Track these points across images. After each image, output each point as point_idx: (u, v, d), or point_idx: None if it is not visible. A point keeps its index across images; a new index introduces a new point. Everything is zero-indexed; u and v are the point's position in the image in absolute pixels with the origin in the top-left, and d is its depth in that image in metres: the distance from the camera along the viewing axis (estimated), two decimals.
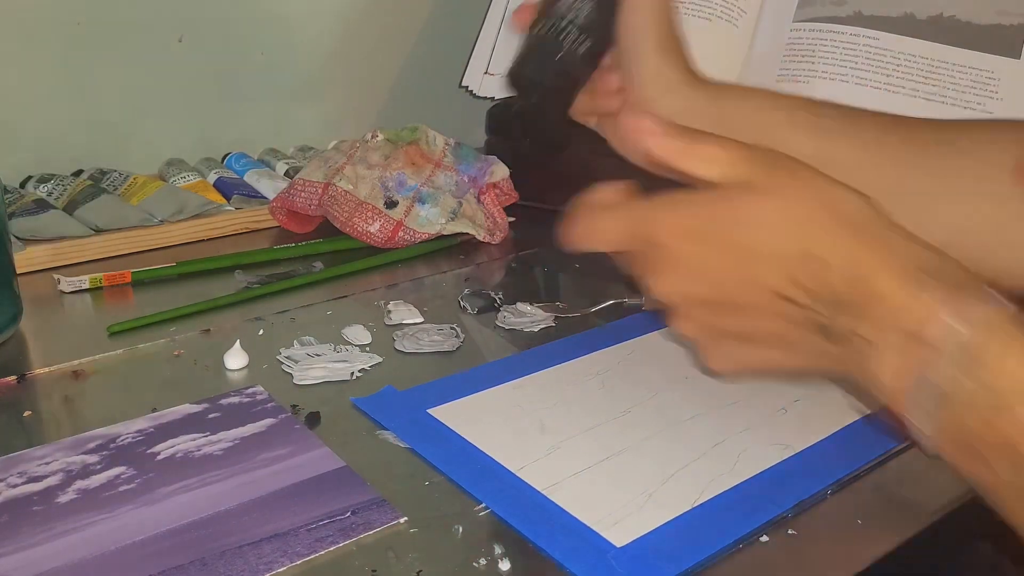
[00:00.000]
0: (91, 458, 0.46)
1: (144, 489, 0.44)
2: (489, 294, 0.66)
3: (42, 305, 0.65)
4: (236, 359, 0.56)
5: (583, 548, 0.40)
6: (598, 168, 0.90)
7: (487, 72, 0.88)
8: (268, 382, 0.54)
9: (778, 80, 0.78)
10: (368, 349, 0.59)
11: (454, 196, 0.77)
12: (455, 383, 0.54)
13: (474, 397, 0.53)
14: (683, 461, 0.47)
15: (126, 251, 0.74)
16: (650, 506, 0.43)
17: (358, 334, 0.60)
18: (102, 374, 0.55)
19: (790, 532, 0.43)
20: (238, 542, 0.40)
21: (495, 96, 0.88)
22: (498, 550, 0.40)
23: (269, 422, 0.50)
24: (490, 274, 0.73)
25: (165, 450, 0.47)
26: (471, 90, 0.89)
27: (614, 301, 0.65)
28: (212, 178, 0.84)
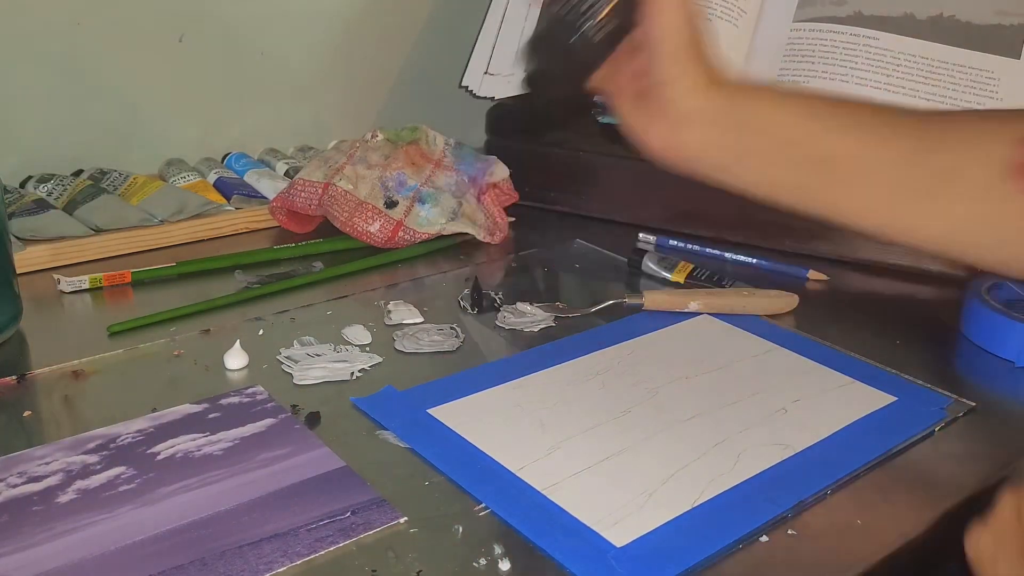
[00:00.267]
0: (91, 458, 0.46)
1: (144, 489, 0.44)
2: (489, 294, 0.66)
3: (42, 305, 0.65)
4: (236, 359, 0.56)
5: (583, 548, 0.40)
6: (598, 168, 0.90)
7: (487, 72, 0.88)
8: (268, 382, 0.54)
9: (778, 80, 0.78)
10: (368, 349, 0.59)
11: (454, 196, 0.77)
12: (455, 383, 0.54)
13: (474, 397, 0.53)
14: (683, 461, 0.47)
15: (126, 251, 0.74)
16: (650, 506, 0.43)
17: (358, 334, 0.60)
18: (102, 374, 0.55)
19: (790, 532, 0.43)
20: (238, 542, 0.40)
21: (495, 96, 0.88)
22: (498, 550, 0.40)
23: (269, 422, 0.50)
24: (490, 274, 0.73)
25: (165, 450, 0.47)
26: (471, 90, 0.89)
27: (614, 301, 0.65)
28: (212, 178, 0.84)
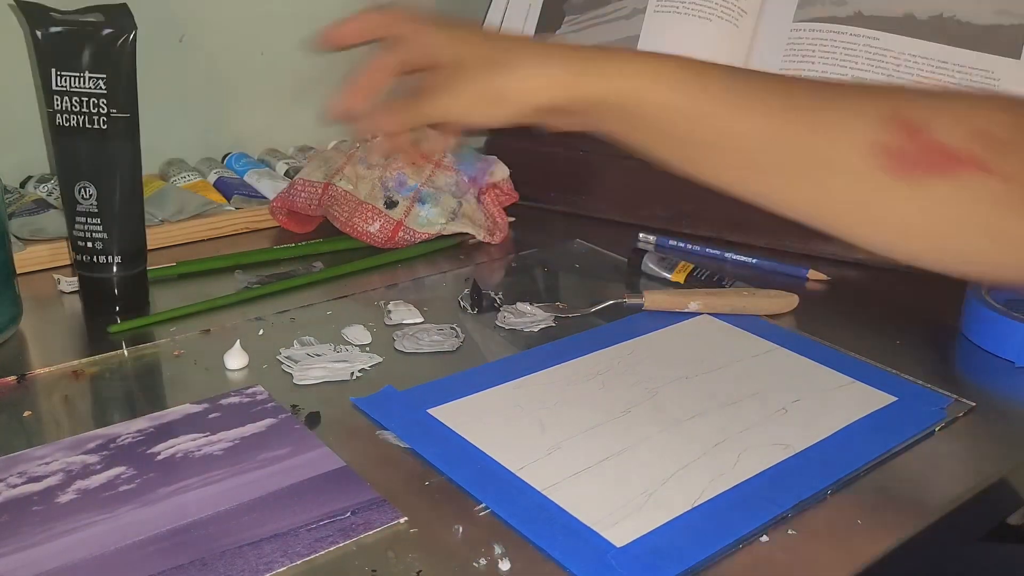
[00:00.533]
0: (91, 458, 0.46)
1: (144, 489, 0.44)
2: (489, 294, 0.66)
3: (42, 305, 0.65)
4: (236, 359, 0.56)
5: (583, 548, 0.40)
6: (598, 168, 0.90)
7: None
8: (268, 382, 0.54)
9: None
10: (368, 349, 0.59)
11: (454, 196, 0.77)
12: (455, 383, 0.54)
13: (474, 397, 0.53)
14: (683, 461, 0.47)
15: None
16: (650, 506, 0.43)
17: (358, 334, 0.60)
18: (102, 374, 0.55)
19: (790, 532, 0.43)
20: (238, 542, 0.41)
21: None
22: (498, 550, 0.40)
23: (269, 422, 0.50)
24: (490, 274, 0.73)
25: (165, 450, 0.47)
26: None
27: (614, 301, 0.65)
28: (212, 178, 0.84)
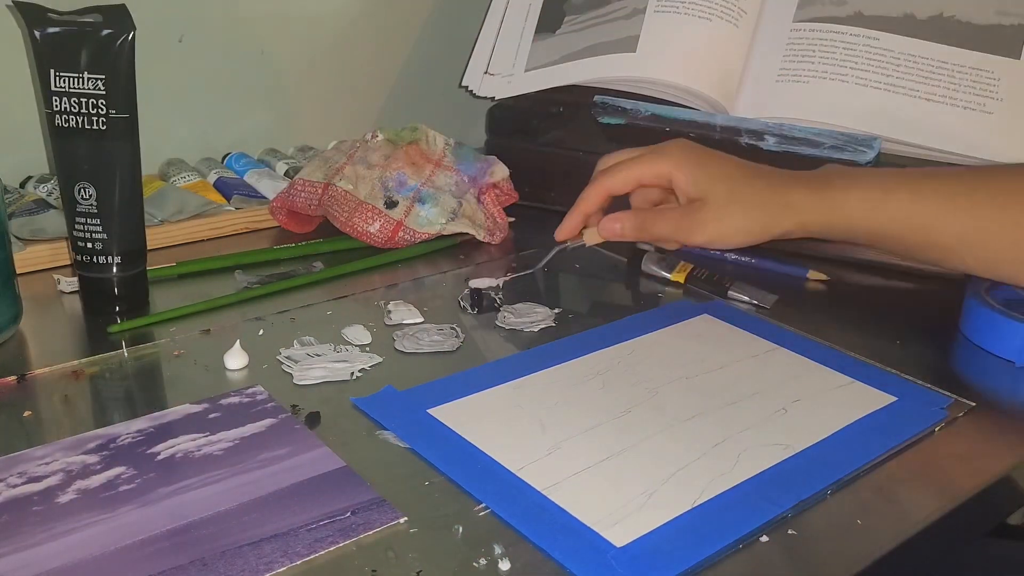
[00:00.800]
0: (91, 458, 0.46)
1: (144, 489, 0.44)
2: (489, 294, 0.66)
3: (42, 305, 0.65)
4: (236, 359, 0.56)
5: (583, 548, 0.40)
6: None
7: (487, 72, 0.88)
8: (268, 382, 0.54)
9: (778, 80, 0.78)
10: (368, 349, 0.59)
11: (454, 196, 0.77)
12: (455, 383, 0.54)
13: (474, 397, 0.53)
14: (683, 461, 0.47)
15: None
16: (650, 506, 0.43)
17: (358, 334, 0.60)
18: (102, 374, 0.55)
19: (790, 532, 0.43)
20: (238, 542, 0.40)
21: (495, 96, 0.88)
22: (498, 550, 0.40)
23: (269, 422, 0.50)
24: (490, 274, 0.73)
25: (165, 450, 0.47)
26: (471, 90, 0.89)
27: (557, 248, 0.68)
28: (212, 178, 0.84)
